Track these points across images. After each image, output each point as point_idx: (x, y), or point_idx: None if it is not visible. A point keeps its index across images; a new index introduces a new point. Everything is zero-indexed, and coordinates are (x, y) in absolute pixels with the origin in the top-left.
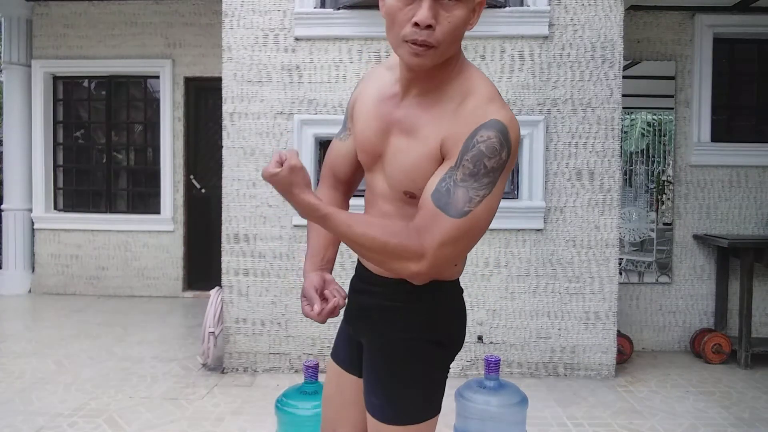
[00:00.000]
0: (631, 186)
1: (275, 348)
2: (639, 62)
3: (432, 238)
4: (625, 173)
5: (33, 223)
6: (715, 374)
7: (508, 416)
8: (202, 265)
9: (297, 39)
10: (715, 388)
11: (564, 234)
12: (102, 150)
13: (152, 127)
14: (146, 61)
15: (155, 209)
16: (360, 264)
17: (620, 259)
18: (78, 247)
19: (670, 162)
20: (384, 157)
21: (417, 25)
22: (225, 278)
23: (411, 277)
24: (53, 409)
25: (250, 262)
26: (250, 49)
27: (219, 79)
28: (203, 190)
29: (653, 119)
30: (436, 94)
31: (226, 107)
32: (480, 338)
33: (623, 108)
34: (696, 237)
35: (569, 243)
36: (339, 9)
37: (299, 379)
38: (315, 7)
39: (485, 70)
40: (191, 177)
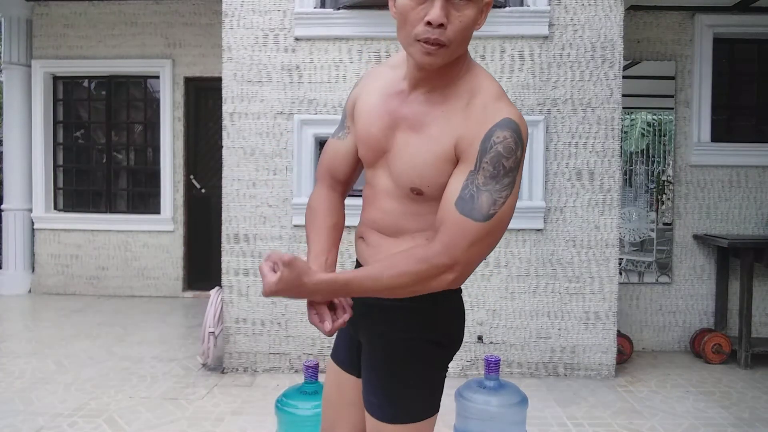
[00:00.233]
0: (631, 186)
1: (275, 348)
2: (639, 62)
3: (461, 245)
4: (625, 173)
5: (33, 223)
6: (715, 374)
7: (508, 416)
8: (202, 265)
9: (297, 39)
10: (715, 388)
11: (564, 234)
12: (102, 150)
13: (152, 127)
14: (146, 61)
15: (155, 209)
16: (359, 264)
17: (620, 259)
18: (78, 247)
19: (670, 162)
20: (389, 154)
21: (429, 24)
22: (225, 278)
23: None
24: (53, 409)
25: (250, 262)
26: (250, 49)
27: (219, 79)
28: (203, 190)
29: (653, 119)
30: (445, 92)
31: (226, 107)
32: (480, 338)
33: (623, 108)
34: (696, 237)
35: (569, 243)
36: (339, 9)
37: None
38: (315, 7)
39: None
40: (191, 177)
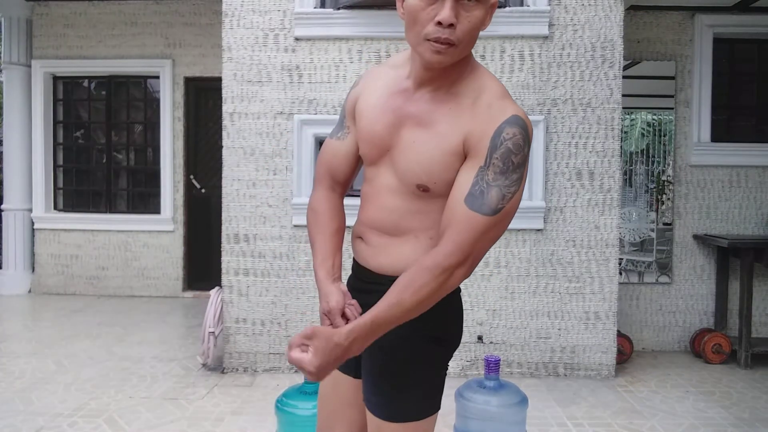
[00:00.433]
0: (631, 186)
1: (275, 348)
2: (639, 62)
3: (470, 240)
4: (625, 173)
5: (33, 223)
6: (715, 374)
7: (508, 416)
8: (202, 265)
9: (297, 39)
10: (715, 388)
11: (564, 234)
12: (102, 150)
13: (152, 127)
14: (146, 61)
15: (155, 209)
16: (356, 263)
17: (620, 259)
18: (78, 247)
19: (670, 162)
20: (394, 150)
21: (440, 24)
22: (225, 278)
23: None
24: (53, 409)
25: (250, 262)
26: (250, 49)
27: (219, 79)
28: (203, 190)
29: (653, 119)
30: (450, 91)
31: (226, 107)
32: (480, 338)
33: (623, 108)
34: (696, 237)
35: (569, 243)
36: (339, 9)
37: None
38: (315, 7)
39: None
40: (191, 177)
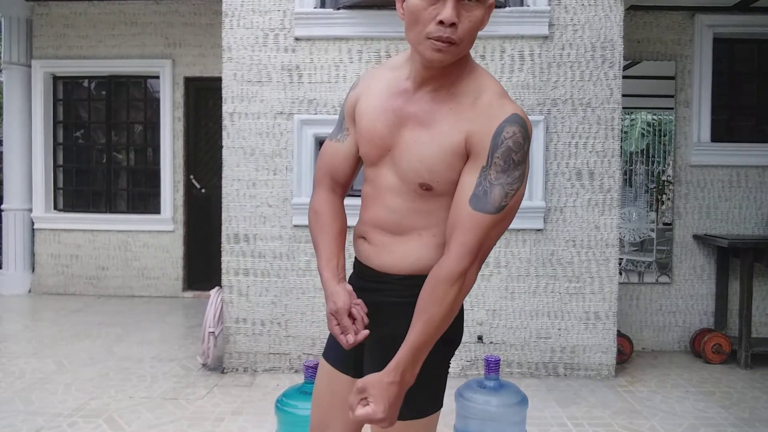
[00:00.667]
0: (631, 186)
1: (275, 348)
2: (639, 62)
3: (477, 240)
4: (625, 173)
5: (33, 223)
6: (715, 374)
7: (508, 416)
8: (202, 265)
9: (297, 39)
10: (715, 388)
11: (564, 234)
12: (102, 150)
13: (152, 127)
14: (146, 61)
15: (155, 209)
16: (359, 262)
17: (620, 259)
18: (78, 247)
19: (670, 162)
20: (395, 150)
21: (441, 23)
22: (225, 278)
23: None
24: (53, 409)
25: (250, 262)
26: (250, 49)
27: (219, 79)
28: (203, 190)
29: (653, 119)
30: (450, 90)
31: (226, 107)
32: (480, 338)
33: (623, 108)
34: (696, 237)
35: (569, 243)
36: (339, 9)
37: (299, 379)
38: (315, 7)
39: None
40: (191, 177)
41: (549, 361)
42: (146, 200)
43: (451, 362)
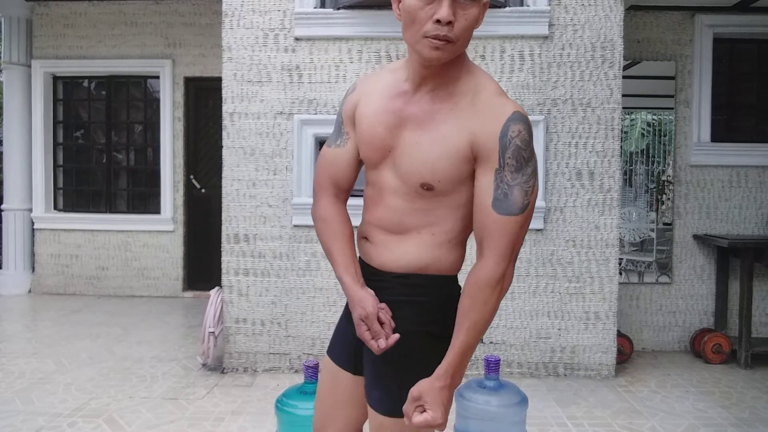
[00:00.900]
0: (631, 186)
1: (275, 348)
2: (639, 62)
3: (509, 243)
4: (625, 173)
5: (33, 223)
6: (715, 374)
7: (508, 416)
8: (202, 265)
9: (297, 39)
10: (715, 388)
11: (564, 234)
12: (102, 150)
13: (152, 127)
14: (146, 61)
15: (155, 209)
16: (361, 260)
17: (620, 259)
18: (78, 247)
19: (670, 162)
20: (395, 152)
21: (438, 22)
22: (225, 278)
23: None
24: (53, 409)
25: (250, 262)
26: (250, 49)
27: (219, 79)
28: (203, 190)
29: (653, 119)
30: (449, 90)
31: (226, 107)
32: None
33: (623, 108)
34: (696, 237)
35: (569, 243)
36: (339, 9)
37: (299, 379)
38: (315, 7)
39: (485, 70)
40: (191, 177)
41: (549, 361)
42: (146, 200)
43: None
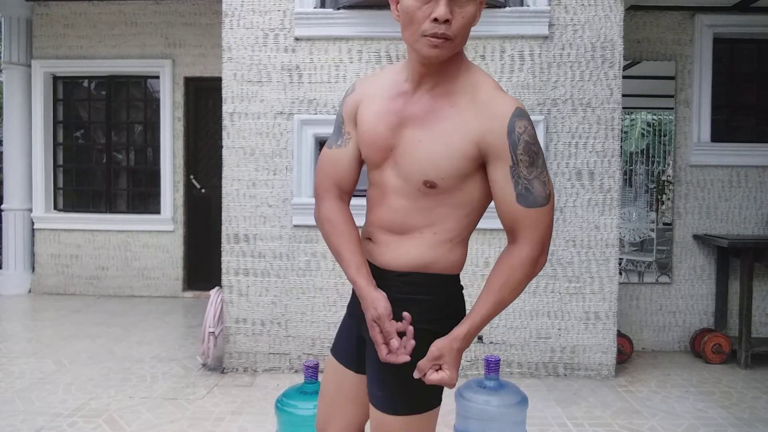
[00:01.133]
0: (631, 186)
1: (275, 348)
2: (639, 62)
3: (542, 233)
4: (625, 173)
5: (33, 223)
6: (715, 374)
7: (508, 416)
8: (202, 265)
9: (297, 39)
10: (715, 388)
11: (564, 234)
12: (102, 150)
13: (152, 127)
14: (146, 61)
15: (155, 209)
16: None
17: (620, 259)
18: (78, 247)
19: (670, 162)
20: (397, 151)
21: (436, 20)
22: (225, 278)
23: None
24: (53, 409)
25: (250, 262)
26: (250, 49)
27: (219, 79)
28: (203, 190)
29: (653, 119)
30: (448, 88)
31: (226, 107)
32: (480, 338)
33: (623, 108)
34: (696, 237)
35: (569, 243)
36: (339, 9)
37: (299, 379)
38: (315, 7)
39: (485, 70)
40: (191, 177)
41: (549, 361)
42: (146, 200)
43: None
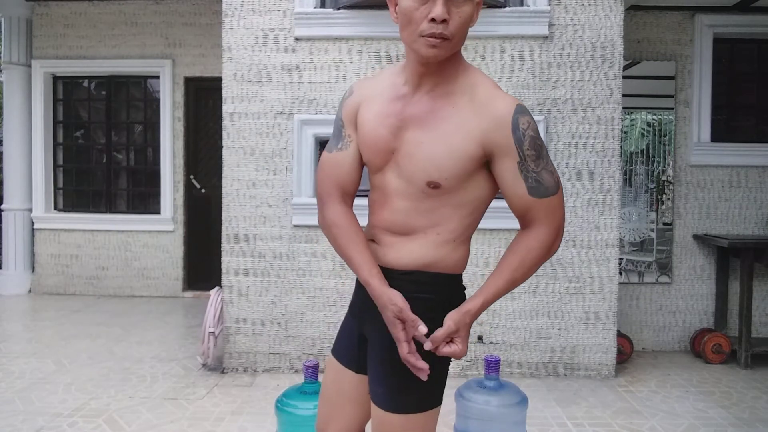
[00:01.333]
0: (631, 186)
1: (275, 348)
2: (639, 62)
3: (556, 219)
4: (625, 173)
5: (33, 223)
6: (715, 374)
7: (508, 416)
8: (202, 265)
9: (297, 39)
10: (715, 388)
11: (564, 234)
12: (102, 150)
13: (152, 127)
14: (146, 61)
15: (155, 209)
16: None
17: (620, 259)
18: (78, 247)
19: (670, 162)
20: (398, 153)
21: (433, 20)
22: (225, 278)
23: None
24: (53, 409)
25: (250, 262)
26: (250, 49)
27: (219, 79)
28: (203, 190)
29: (653, 119)
30: (447, 89)
31: (226, 107)
32: (480, 338)
33: (623, 108)
34: (696, 237)
35: (569, 243)
36: (339, 9)
37: (299, 379)
38: (315, 7)
39: (485, 70)
40: (191, 177)
41: (549, 361)
42: (146, 200)
43: (451, 360)
